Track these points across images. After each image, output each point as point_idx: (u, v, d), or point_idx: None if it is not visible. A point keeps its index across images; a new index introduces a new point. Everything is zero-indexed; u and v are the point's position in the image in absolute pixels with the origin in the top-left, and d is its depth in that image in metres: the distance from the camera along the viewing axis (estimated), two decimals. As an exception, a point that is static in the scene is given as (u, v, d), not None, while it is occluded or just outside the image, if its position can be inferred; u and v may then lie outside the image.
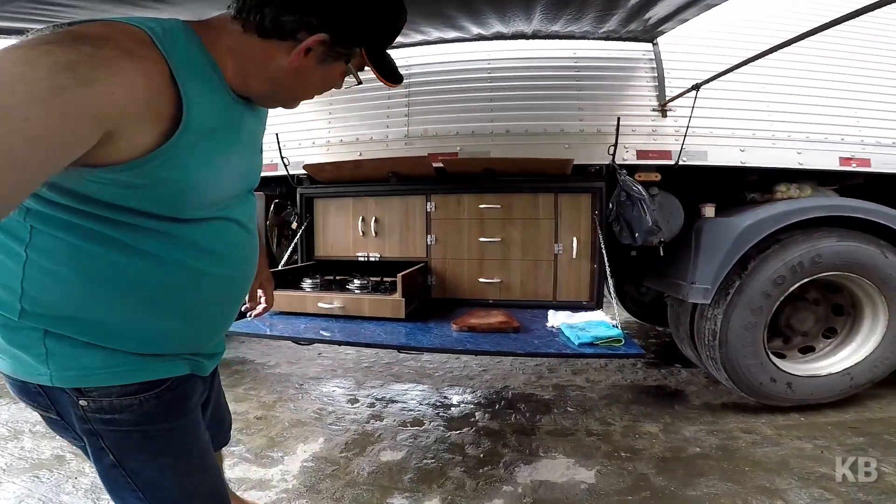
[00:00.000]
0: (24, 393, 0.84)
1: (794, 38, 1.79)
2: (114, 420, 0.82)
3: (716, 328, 2.50)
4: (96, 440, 0.84)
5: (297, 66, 0.83)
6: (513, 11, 2.26)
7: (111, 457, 0.84)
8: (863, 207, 2.48)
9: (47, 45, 0.56)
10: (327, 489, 1.98)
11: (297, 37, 0.79)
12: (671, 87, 2.65)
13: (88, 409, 0.81)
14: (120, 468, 0.85)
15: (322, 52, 0.83)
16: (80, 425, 0.83)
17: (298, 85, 0.90)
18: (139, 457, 0.86)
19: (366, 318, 2.29)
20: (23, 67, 0.53)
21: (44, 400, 0.82)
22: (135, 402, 0.82)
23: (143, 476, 0.87)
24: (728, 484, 1.96)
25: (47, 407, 0.83)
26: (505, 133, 2.75)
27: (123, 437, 0.84)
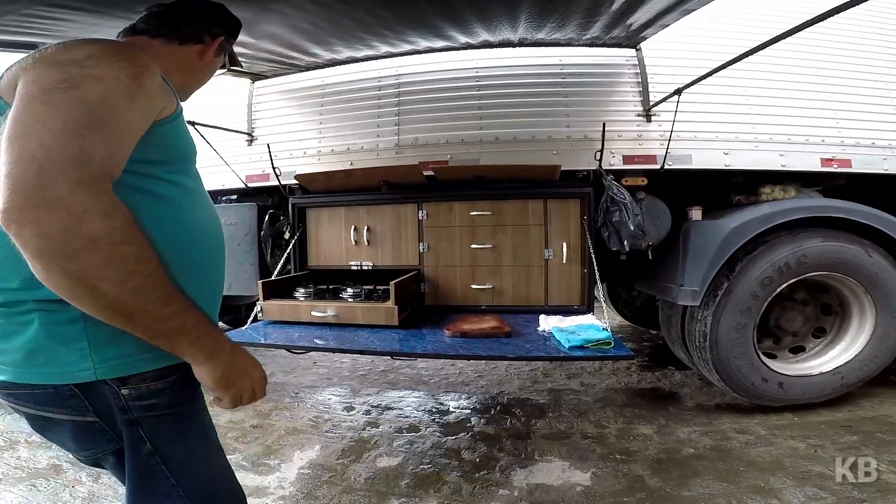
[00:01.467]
0: (50, 402, 0.83)
1: (772, 39, 1.84)
2: (152, 405, 0.87)
3: (706, 330, 2.52)
4: (136, 430, 0.86)
5: (208, 60, 1.16)
6: (499, 20, 2.31)
7: (148, 445, 0.87)
8: (846, 208, 2.52)
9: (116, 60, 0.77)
10: (324, 496, 1.99)
11: (205, 40, 1.13)
12: (655, 93, 2.70)
13: (129, 398, 0.84)
14: (156, 455, 0.88)
15: (218, 48, 1.18)
16: (121, 416, 0.85)
17: (203, 74, 1.20)
18: (173, 440, 0.90)
19: (360, 326, 2.29)
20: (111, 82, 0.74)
21: (79, 402, 0.83)
22: (167, 386, 0.88)
23: (175, 460, 0.90)
24: (723, 484, 1.98)
25: (83, 410, 0.84)
26: (494, 140, 2.78)
27: (159, 421, 0.88)
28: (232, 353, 0.86)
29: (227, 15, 1.23)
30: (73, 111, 0.67)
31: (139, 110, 0.78)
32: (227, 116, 3.13)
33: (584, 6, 2.14)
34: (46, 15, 1.84)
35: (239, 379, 0.88)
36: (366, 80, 2.99)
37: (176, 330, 0.76)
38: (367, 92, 2.98)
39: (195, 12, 1.13)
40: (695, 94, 2.51)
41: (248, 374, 0.90)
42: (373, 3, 2.05)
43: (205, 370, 0.83)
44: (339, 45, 2.58)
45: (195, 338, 0.79)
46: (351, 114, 3.00)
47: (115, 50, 0.79)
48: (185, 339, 0.78)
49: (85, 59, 0.73)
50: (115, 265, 0.67)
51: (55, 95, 0.68)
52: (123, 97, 0.74)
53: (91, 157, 0.66)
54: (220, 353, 0.83)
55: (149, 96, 0.80)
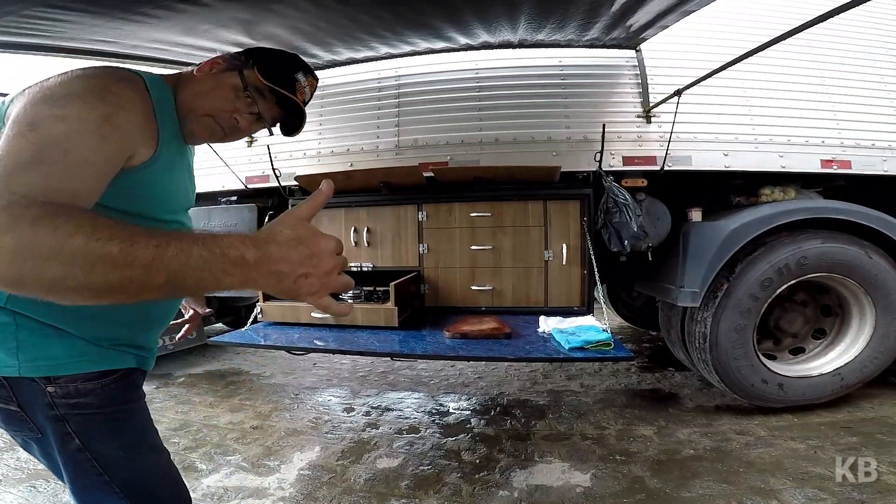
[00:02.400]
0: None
1: (772, 40, 1.84)
2: (79, 404, 0.89)
3: (706, 331, 2.52)
4: (62, 425, 0.89)
5: (201, 74, 1.04)
6: (498, 21, 2.31)
7: (77, 441, 0.90)
8: (846, 209, 2.52)
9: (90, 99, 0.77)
10: (324, 497, 1.99)
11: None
12: (655, 94, 2.70)
13: (56, 395, 0.87)
14: (85, 451, 0.90)
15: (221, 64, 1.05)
16: (47, 412, 0.88)
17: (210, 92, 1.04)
18: (103, 438, 0.92)
19: (360, 327, 2.30)
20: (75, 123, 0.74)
21: (6, 391, 0.87)
22: (97, 387, 0.90)
23: (106, 457, 0.92)
24: (723, 485, 1.97)
25: (7, 399, 0.88)
26: (494, 141, 2.79)
27: (88, 419, 0.90)
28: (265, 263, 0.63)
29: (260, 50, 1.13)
30: (24, 149, 0.69)
31: (110, 148, 0.78)
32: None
33: (583, 7, 2.15)
34: (46, 16, 1.84)
35: (299, 283, 0.66)
36: (365, 82, 2.99)
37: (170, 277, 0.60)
38: (367, 93, 2.99)
39: None
40: (695, 95, 2.51)
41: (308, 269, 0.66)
42: (372, 4, 2.05)
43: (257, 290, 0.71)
44: (338, 46, 2.58)
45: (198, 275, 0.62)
46: (351, 115, 3.00)
47: (99, 88, 0.79)
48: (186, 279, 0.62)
49: (61, 99, 0.75)
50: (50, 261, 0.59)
51: (15, 139, 0.70)
52: (88, 136, 0.74)
53: (22, 190, 0.64)
54: (246, 269, 0.63)
55: (122, 137, 0.80)
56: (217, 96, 1.04)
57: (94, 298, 0.62)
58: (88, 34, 2.09)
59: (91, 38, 2.14)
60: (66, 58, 2.39)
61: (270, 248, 0.64)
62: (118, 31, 2.08)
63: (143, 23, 1.99)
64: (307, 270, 0.65)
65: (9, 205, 0.62)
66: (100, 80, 0.81)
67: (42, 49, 2.22)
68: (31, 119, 0.72)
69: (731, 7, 2.81)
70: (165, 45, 2.32)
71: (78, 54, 2.34)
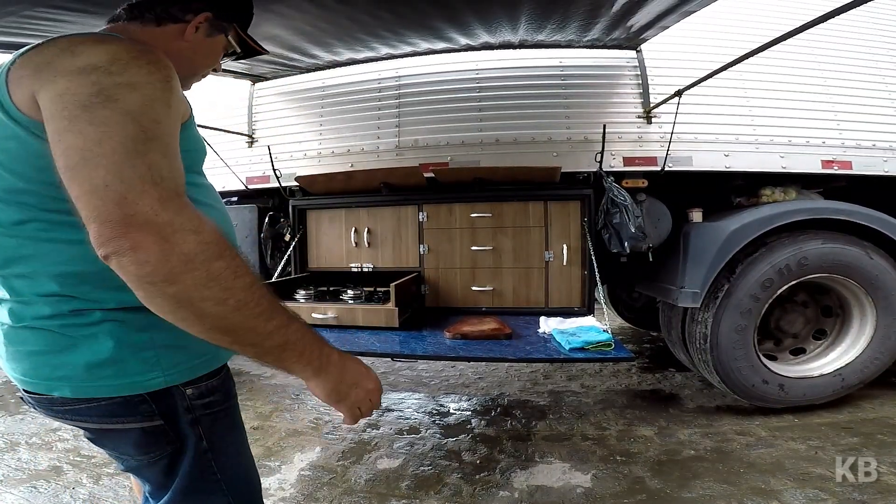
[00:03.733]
0: (118, 413, 0.81)
1: (773, 40, 1.84)
2: (210, 403, 0.89)
3: (706, 331, 2.52)
4: (197, 429, 0.86)
5: (190, 40, 0.98)
6: (499, 22, 2.31)
7: (205, 443, 0.87)
8: (846, 209, 2.52)
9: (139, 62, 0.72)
10: (325, 497, 1.99)
11: (186, 18, 0.96)
12: (655, 94, 2.70)
13: (193, 397, 0.85)
14: (209, 452, 0.88)
15: (207, 27, 1.00)
16: (186, 417, 0.85)
17: (192, 59, 1.03)
18: (224, 435, 0.92)
19: (360, 328, 2.30)
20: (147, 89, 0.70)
21: (148, 407, 0.81)
22: (219, 382, 0.91)
23: (224, 454, 0.90)
24: (723, 485, 1.97)
25: (151, 414, 0.82)
26: (494, 142, 2.79)
27: (215, 417, 0.89)
28: (341, 365, 0.83)
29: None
30: (124, 128, 0.64)
31: (175, 116, 0.75)
32: (227, 118, 3.14)
33: (584, 8, 2.15)
34: (47, 16, 1.84)
35: (351, 391, 0.84)
36: (366, 82, 2.99)
37: (281, 345, 0.73)
38: (368, 94, 2.99)
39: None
40: (695, 95, 2.51)
41: (361, 384, 0.86)
42: (373, 4, 2.05)
43: (315, 384, 0.81)
44: (339, 46, 2.58)
45: (300, 352, 0.75)
46: (351, 115, 3.00)
47: (136, 52, 0.73)
48: (292, 353, 0.75)
49: (109, 65, 0.68)
50: (215, 283, 0.64)
51: (97, 112, 0.64)
52: (162, 104, 0.71)
53: (161, 173, 0.65)
54: (328, 365, 0.80)
55: (179, 100, 0.78)
56: (206, 57, 1.07)
57: (205, 333, 0.67)
58: (89, 34, 2.09)
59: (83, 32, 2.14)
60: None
61: (348, 360, 0.85)
62: (118, 33, 2.08)
63: None
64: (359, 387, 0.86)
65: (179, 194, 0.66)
66: (131, 45, 0.75)
67: (43, 50, 2.22)
68: (99, 89, 0.66)
69: (731, 7, 2.80)
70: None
71: (78, 55, 2.34)
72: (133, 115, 0.66)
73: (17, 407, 3.10)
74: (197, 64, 1.07)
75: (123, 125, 0.64)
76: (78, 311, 0.76)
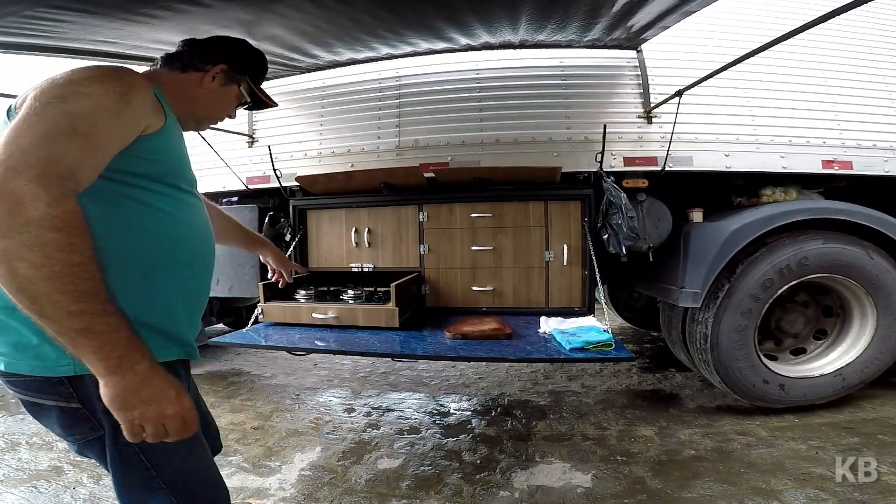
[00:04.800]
0: (40, 389, 0.92)
1: (773, 40, 1.83)
2: None
3: (707, 331, 2.52)
4: (112, 419, 0.87)
5: (207, 88, 1.21)
6: (499, 22, 2.31)
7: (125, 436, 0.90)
8: (847, 209, 2.52)
9: (107, 80, 0.87)
10: (325, 497, 1.99)
11: (205, 68, 1.20)
12: (656, 94, 2.70)
13: None
14: (134, 446, 0.90)
15: (222, 77, 1.23)
16: (101, 405, 0.85)
17: (207, 103, 1.24)
18: None
19: (360, 328, 2.29)
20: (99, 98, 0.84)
21: (65, 388, 0.90)
22: None
23: (154, 449, 0.92)
24: (724, 486, 1.97)
25: (69, 396, 0.91)
26: (495, 142, 2.79)
27: None
28: (143, 377, 0.79)
29: (232, 48, 1.30)
30: (56, 121, 0.77)
31: (122, 125, 0.88)
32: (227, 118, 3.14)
33: (584, 8, 2.15)
34: (47, 16, 1.84)
35: (142, 406, 0.80)
36: (366, 82, 2.99)
37: (80, 330, 0.73)
38: (368, 94, 2.99)
39: (199, 44, 1.25)
40: (696, 95, 2.51)
41: (160, 404, 0.81)
42: (373, 4, 2.05)
43: (103, 384, 0.78)
44: (339, 46, 2.58)
45: (98, 345, 0.75)
46: (352, 115, 3.00)
47: (110, 73, 0.90)
48: (88, 343, 0.74)
49: (82, 80, 0.84)
50: (38, 249, 0.69)
51: (47, 108, 0.78)
52: (108, 112, 0.84)
53: (60, 159, 0.75)
54: (125, 371, 0.77)
55: (132, 112, 0.90)
56: (221, 105, 1.28)
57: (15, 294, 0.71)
58: (89, 35, 2.09)
59: (92, 38, 2.14)
60: (67, 58, 2.39)
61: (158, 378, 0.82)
62: (119, 32, 2.08)
63: (144, 23, 1.99)
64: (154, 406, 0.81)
65: (59, 177, 0.74)
66: (111, 68, 0.92)
67: (43, 49, 2.22)
68: (59, 94, 0.81)
69: (731, 7, 2.80)
70: (166, 45, 2.31)
71: (79, 55, 2.34)
72: (71, 114, 0.79)
73: (18, 407, 3.11)
74: (212, 109, 1.27)
75: (58, 119, 0.78)
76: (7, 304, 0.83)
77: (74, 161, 0.77)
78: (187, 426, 0.86)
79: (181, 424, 0.85)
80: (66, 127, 0.77)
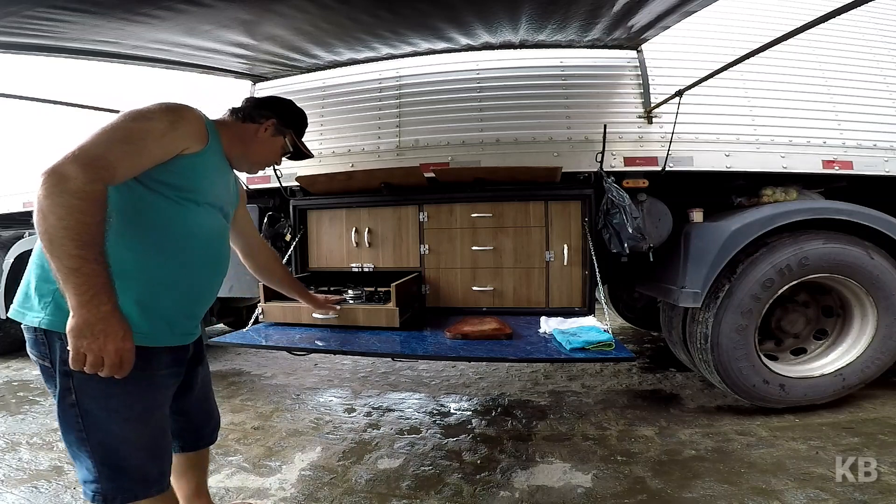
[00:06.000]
0: (32, 347, 1.14)
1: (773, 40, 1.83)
2: None
3: (707, 331, 2.52)
4: (68, 380, 1.10)
5: (260, 137, 1.53)
6: (499, 21, 2.31)
7: (73, 396, 1.10)
8: (847, 209, 2.52)
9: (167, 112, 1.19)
10: (325, 497, 1.98)
11: (259, 121, 1.53)
12: (656, 94, 2.70)
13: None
14: (76, 407, 1.10)
15: (273, 129, 1.56)
16: (61, 367, 1.10)
17: (259, 149, 1.55)
18: (95, 396, 1.11)
19: (361, 328, 2.29)
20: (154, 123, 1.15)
21: (44, 348, 1.13)
22: None
23: (92, 416, 1.11)
24: (724, 486, 1.97)
25: (44, 355, 1.13)
26: (495, 142, 2.79)
27: (89, 378, 1.04)
28: (104, 316, 0.98)
29: (284, 107, 1.63)
30: (118, 132, 1.08)
31: (165, 143, 1.16)
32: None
33: (585, 8, 2.15)
34: (48, 16, 1.85)
35: (91, 338, 0.97)
36: (367, 82, 3.00)
37: (72, 269, 0.95)
38: (368, 94, 2.99)
39: (258, 101, 1.59)
40: (696, 95, 2.52)
41: (105, 340, 0.98)
42: (373, 4, 2.05)
43: (72, 314, 0.97)
44: (340, 46, 2.58)
45: (81, 282, 0.95)
46: (352, 116, 3.00)
47: (172, 107, 1.21)
48: (74, 280, 0.95)
49: (151, 109, 1.17)
50: (64, 208, 0.95)
51: (120, 123, 1.10)
52: (155, 133, 1.13)
53: (103, 157, 1.03)
54: (91, 307, 0.96)
55: (176, 137, 1.18)
56: (270, 152, 1.59)
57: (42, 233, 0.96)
58: (90, 34, 2.09)
59: (92, 38, 2.14)
60: (68, 58, 2.39)
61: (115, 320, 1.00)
62: (120, 32, 2.08)
63: (144, 23, 1.99)
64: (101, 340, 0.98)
65: (98, 168, 1.01)
66: (176, 104, 1.22)
67: (43, 49, 2.23)
68: (132, 116, 1.13)
69: (731, 7, 2.80)
70: (167, 45, 2.32)
71: (79, 55, 2.35)
72: (131, 130, 1.10)
73: (19, 407, 3.11)
74: (262, 154, 1.57)
75: (119, 131, 1.08)
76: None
77: (117, 161, 1.04)
78: (122, 366, 1.02)
79: (116, 361, 1.01)
80: (122, 137, 1.07)
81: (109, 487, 1.14)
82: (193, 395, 1.51)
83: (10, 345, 4.50)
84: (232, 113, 1.53)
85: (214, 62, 2.68)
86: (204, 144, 1.27)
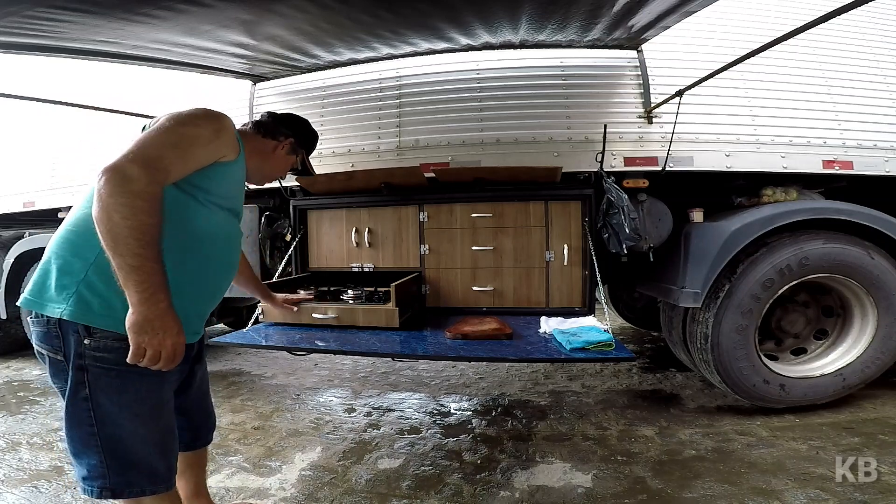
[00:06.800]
0: (43, 339, 1.15)
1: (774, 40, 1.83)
2: (104, 358, 1.12)
3: (707, 331, 2.52)
4: (82, 375, 1.12)
5: (278, 153, 1.65)
6: (500, 21, 2.31)
7: (86, 391, 1.12)
8: (847, 209, 2.52)
9: (212, 119, 1.29)
10: (325, 497, 1.98)
11: (279, 138, 1.64)
12: (656, 94, 2.70)
13: (90, 347, 1.11)
14: (89, 401, 1.12)
15: (289, 147, 1.68)
16: (76, 361, 1.12)
17: (274, 164, 1.66)
18: (108, 391, 1.13)
19: (361, 328, 2.29)
20: (201, 129, 1.24)
21: (58, 342, 1.13)
22: (123, 346, 1.07)
23: (104, 409, 1.13)
24: (724, 486, 1.97)
25: (57, 348, 1.13)
26: (495, 142, 2.79)
27: (104, 372, 1.12)
28: (162, 313, 1.05)
29: (302, 128, 1.76)
30: (170, 136, 1.16)
31: (209, 149, 1.25)
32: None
33: (585, 8, 2.15)
34: (48, 16, 1.85)
35: (152, 334, 1.05)
36: (367, 82, 3.00)
37: (134, 267, 1.01)
38: (369, 94, 2.99)
39: (278, 118, 1.69)
40: (696, 95, 2.51)
41: (164, 336, 1.06)
42: (373, 4, 2.05)
43: (132, 311, 1.03)
44: (340, 46, 2.58)
45: (142, 280, 1.02)
46: (352, 116, 3.00)
47: (216, 115, 1.30)
48: (136, 277, 1.01)
49: (197, 115, 1.26)
50: (129, 208, 1.00)
51: (170, 127, 1.18)
52: (202, 140, 1.22)
53: (161, 159, 1.10)
54: (151, 304, 1.03)
55: (219, 145, 1.27)
56: (282, 168, 1.70)
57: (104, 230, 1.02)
58: (90, 34, 2.09)
59: (92, 38, 2.14)
60: (68, 58, 2.39)
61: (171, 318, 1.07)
62: (120, 32, 2.08)
63: (144, 23, 1.99)
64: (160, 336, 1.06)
65: (157, 170, 1.08)
66: (217, 113, 1.31)
67: (43, 49, 2.23)
68: (181, 120, 1.21)
69: (731, 7, 2.80)
70: (167, 45, 2.32)
71: (79, 55, 2.34)
72: (182, 134, 1.18)
73: (19, 407, 3.12)
74: (276, 169, 1.68)
75: (171, 135, 1.16)
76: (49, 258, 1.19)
77: (170, 163, 1.12)
78: (174, 358, 1.10)
79: (171, 354, 1.08)
80: (174, 142, 1.15)
81: (118, 481, 1.16)
82: (193, 393, 1.54)
83: (10, 345, 4.50)
84: (254, 126, 1.62)
85: (214, 62, 2.68)
86: (237, 154, 1.36)
